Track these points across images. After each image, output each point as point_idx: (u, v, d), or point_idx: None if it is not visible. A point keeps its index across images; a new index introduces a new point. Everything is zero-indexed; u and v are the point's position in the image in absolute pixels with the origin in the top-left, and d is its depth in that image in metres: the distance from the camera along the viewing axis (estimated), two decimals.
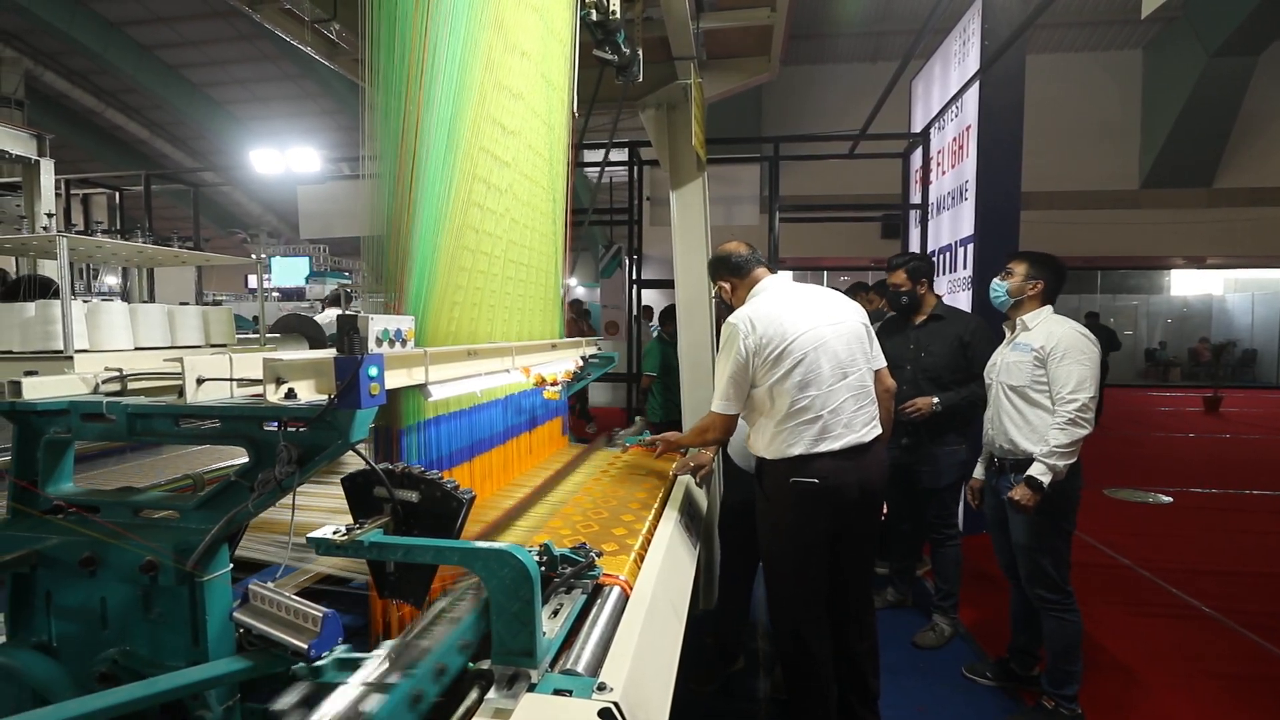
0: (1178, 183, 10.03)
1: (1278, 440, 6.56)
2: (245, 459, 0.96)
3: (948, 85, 4.20)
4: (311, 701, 0.74)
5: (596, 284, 9.76)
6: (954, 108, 4.07)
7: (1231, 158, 9.95)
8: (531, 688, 0.85)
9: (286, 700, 0.74)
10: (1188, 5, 8.84)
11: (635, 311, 4.95)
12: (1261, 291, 14.26)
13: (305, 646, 0.74)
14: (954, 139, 4.08)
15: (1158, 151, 9.86)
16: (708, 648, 2.48)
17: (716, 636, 2.49)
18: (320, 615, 0.76)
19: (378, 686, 0.73)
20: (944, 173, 4.30)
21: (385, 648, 0.79)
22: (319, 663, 0.79)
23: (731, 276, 1.98)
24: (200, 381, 0.98)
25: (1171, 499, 5.00)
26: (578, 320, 7.54)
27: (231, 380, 1.03)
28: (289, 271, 13.05)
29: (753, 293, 1.94)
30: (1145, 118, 10.10)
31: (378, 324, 1.03)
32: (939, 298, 2.89)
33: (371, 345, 1.02)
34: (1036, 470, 2.02)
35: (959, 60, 3.98)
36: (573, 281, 13.41)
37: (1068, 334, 2.08)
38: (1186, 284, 15.45)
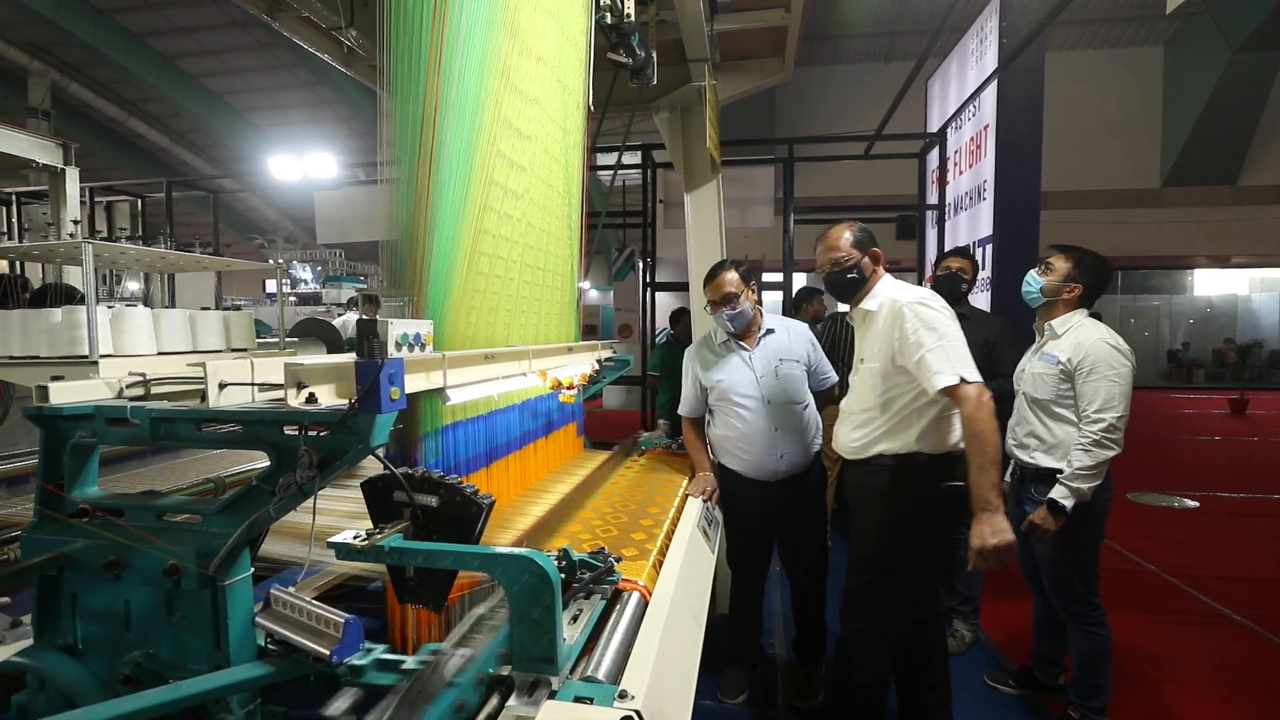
0: (1201, 180, 9.84)
1: None
2: (266, 461, 0.97)
3: (965, 84, 4.15)
4: (360, 708, 0.74)
5: (610, 287, 9.78)
6: (971, 107, 4.02)
7: (1257, 154, 9.74)
8: (552, 695, 0.84)
9: (338, 705, 0.74)
10: (1211, 0, 8.68)
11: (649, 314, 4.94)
12: None
13: (327, 652, 0.74)
14: (971, 138, 4.03)
15: (1180, 149, 9.67)
16: (724, 655, 2.46)
17: (732, 644, 2.47)
18: (342, 621, 0.75)
19: (427, 696, 0.72)
20: (961, 173, 4.25)
21: (424, 652, 0.79)
22: (360, 663, 0.79)
23: (875, 249, 1.91)
24: (222, 386, 0.99)
25: (1198, 504, 4.89)
26: None
27: (253, 385, 1.03)
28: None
29: (880, 273, 1.89)
30: (1166, 115, 9.92)
31: (397, 328, 1.04)
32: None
33: (391, 350, 1.02)
34: (1059, 494, 1.90)
35: (976, 59, 3.93)
36: (586, 284, 13.45)
37: (1096, 346, 1.92)
38: (1210, 283, 15.12)
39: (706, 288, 2.20)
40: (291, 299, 13.54)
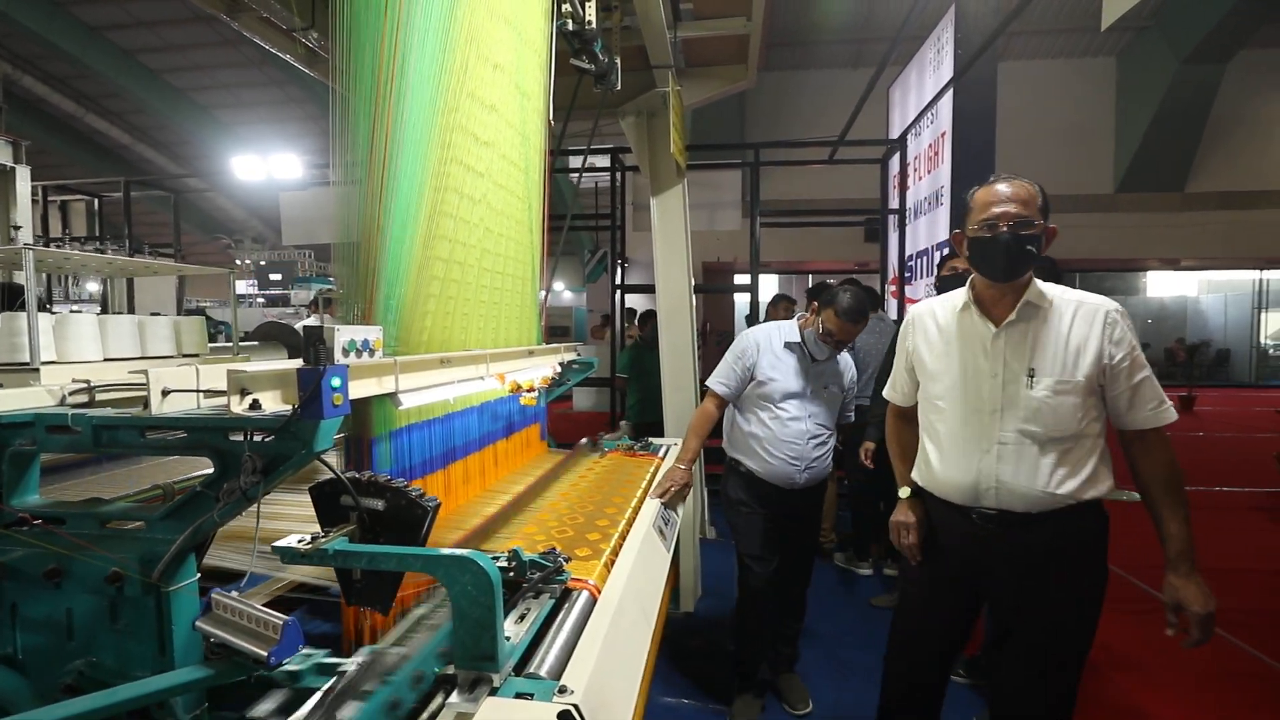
0: (1151, 186, 10.25)
1: (1249, 438, 6.73)
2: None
3: (923, 92, 4.27)
4: (288, 709, 0.75)
5: (583, 288, 9.79)
6: (929, 114, 4.14)
7: (1202, 162, 10.18)
8: (494, 691, 0.87)
9: (264, 707, 0.75)
10: (1159, 14, 9.04)
11: (619, 316, 4.97)
12: (1234, 293, 14.56)
13: (265, 654, 0.75)
14: (929, 145, 4.15)
15: (1132, 156, 10.06)
16: (737, 675, 2.31)
17: (739, 663, 2.32)
18: (280, 622, 0.77)
19: (356, 694, 0.74)
20: (920, 178, 4.37)
21: (363, 653, 0.80)
22: (298, 668, 0.80)
23: (1054, 226, 1.43)
24: (166, 393, 0.99)
25: (1140, 497, 5.08)
26: None
27: (198, 391, 1.04)
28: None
29: None
30: (1119, 123, 10.31)
31: (344, 335, 1.05)
32: None
33: (338, 356, 1.03)
34: None
35: (934, 68, 4.05)
36: (559, 286, 13.43)
37: None
38: (1162, 285, 15.74)
39: (837, 317, 2.02)
40: (260, 300, 13.27)
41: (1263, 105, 10.09)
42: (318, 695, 0.71)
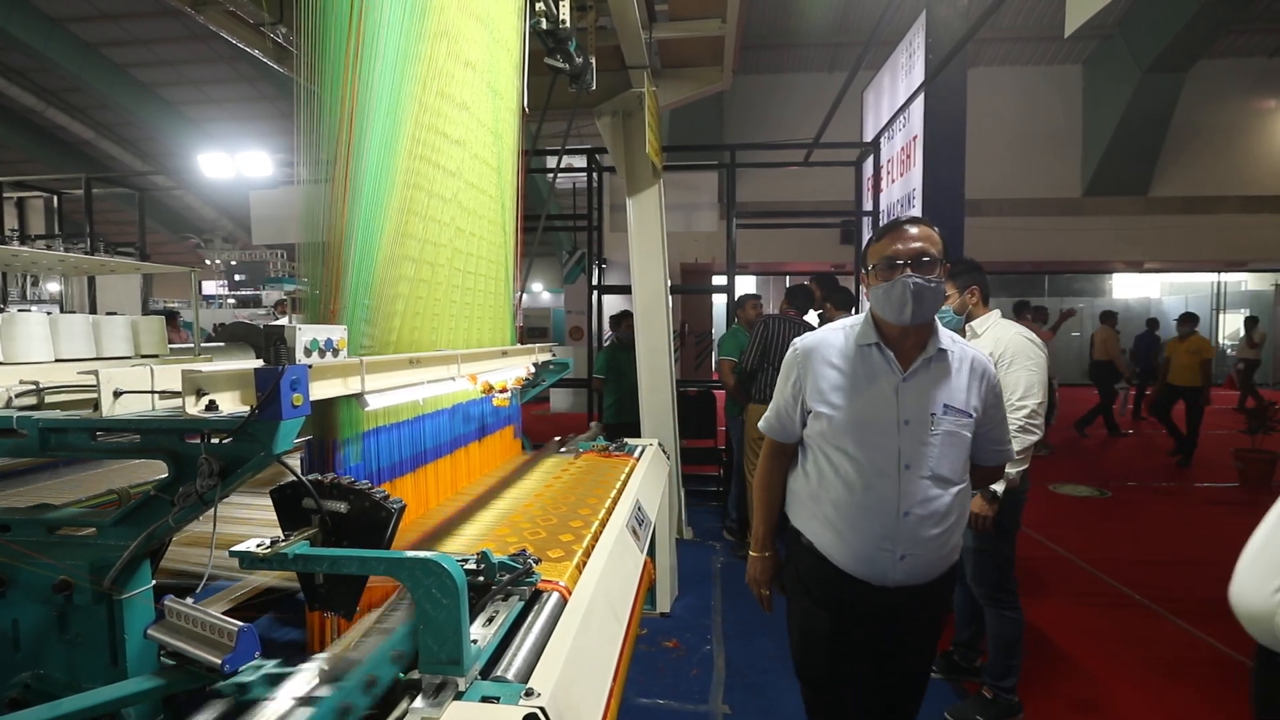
0: (1116, 191, 10.56)
1: (1208, 434, 6.96)
2: None
3: (896, 96, 4.34)
4: (229, 718, 0.73)
5: (561, 289, 9.74)
6: (902, 118, 4.20)
7: (1165, 168, 10.53)
8: (459, 696, 0.85)
9: (203, 718, 0.73)
10: (1123, 24, 9.32)
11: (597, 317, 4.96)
12: (1195, 294, 15.05)
13: (219, 661, 0.73)
14: (902, 148, 4.21)
15: (1098, 161, 10.36)
16: None
17: None
18: (235, 629, 0.75)
19: (304, 700, 0.72)
20: (893, 180, 4.43)
21: (314, 661, 0.79)
22: (246, 680, 0.78)
23: None
24: (118, 394, 0.96)
25: (1111, 493, 5.24)
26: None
27: (153, 392, 1.01)
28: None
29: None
30: (1086, 129, 10.61)
31: (306, 334, 1.03)
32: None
33: (299, 355, 1.01)
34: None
35: (906, 72, 4.12)
36: (538, 287, 13.36)
37: (1014, 339, 2.12)
38: (1127, 287, 16.20)
39: (880, 242, 1.38)
40: (230, 301, 12.97)
41: (1220, 113, 10.47)
42: (265, 704, 0.69)
